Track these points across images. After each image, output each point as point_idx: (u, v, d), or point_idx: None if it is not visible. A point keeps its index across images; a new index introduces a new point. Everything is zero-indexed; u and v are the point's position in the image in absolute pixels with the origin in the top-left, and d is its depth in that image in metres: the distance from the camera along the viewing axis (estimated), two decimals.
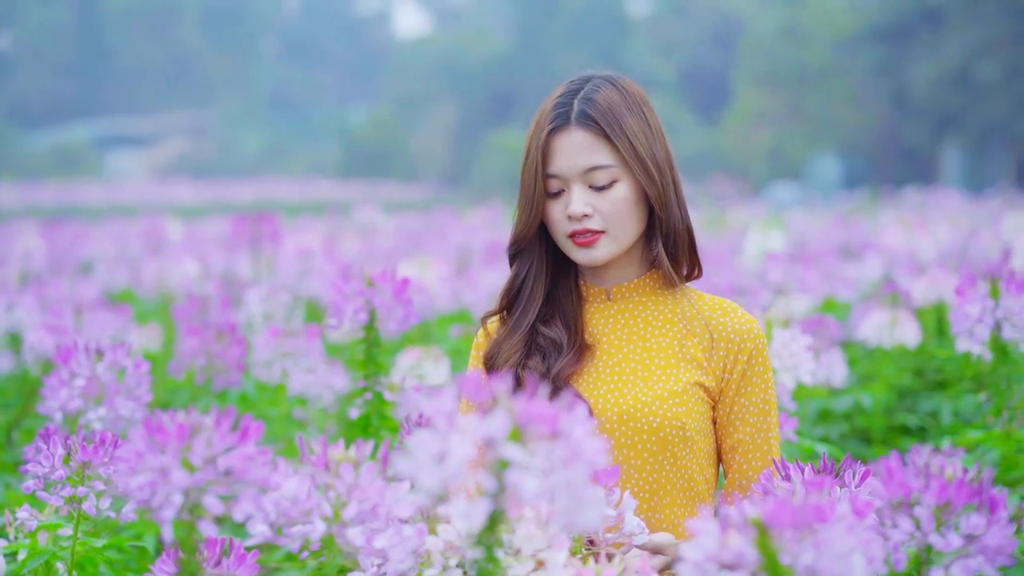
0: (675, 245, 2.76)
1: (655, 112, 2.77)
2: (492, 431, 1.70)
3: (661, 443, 2.66)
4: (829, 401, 5.50)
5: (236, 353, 4.85)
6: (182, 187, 42.10)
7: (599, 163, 2.69)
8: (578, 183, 2.70)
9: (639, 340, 2.76)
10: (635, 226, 2.74)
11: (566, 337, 2.75)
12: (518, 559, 2.06)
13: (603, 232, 2.71)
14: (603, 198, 2.69)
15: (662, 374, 2.71)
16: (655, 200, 2.71)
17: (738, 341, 2.73)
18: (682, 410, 2.68)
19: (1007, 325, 3.83)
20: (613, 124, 2.68)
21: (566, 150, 2.71)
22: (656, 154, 2.71)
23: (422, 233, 14.78)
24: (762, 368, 2.75)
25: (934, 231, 9.69)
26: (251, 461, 1.94)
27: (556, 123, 2.72)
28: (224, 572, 2.26)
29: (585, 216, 2.70)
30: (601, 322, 2.80)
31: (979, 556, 1.94)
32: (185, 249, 10.89)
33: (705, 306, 2.78)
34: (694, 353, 2.73)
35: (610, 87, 2.73)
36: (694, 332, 2.75)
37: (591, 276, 2.83)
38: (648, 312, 2.79)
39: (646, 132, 2.71)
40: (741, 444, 2.74)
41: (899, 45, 42.43)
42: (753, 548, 1.79)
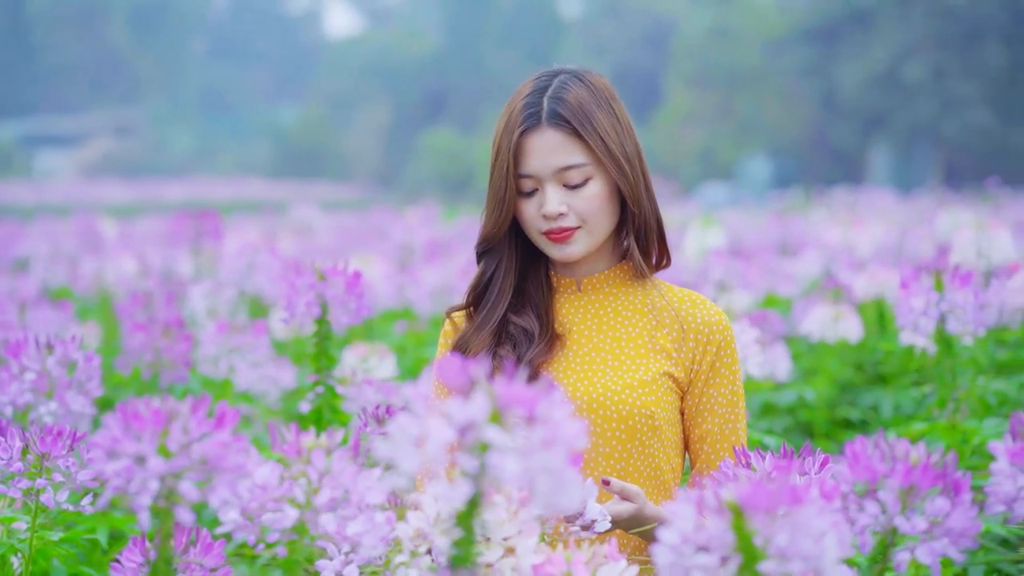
0: (646, 237, 2.78)
1: (622, 105, 2.79)
2: (473, 414, 1.71)
3: (630, 431, 2.69)
4: (773, 395, 5.55)
5: (183, 349, 4.83)
6: (111, 186, 41.74)
7: (572, 162, 2.70)
8: (552, 182, 2.71)
9: (609, 330, 2.78)
10: (609, 220, 2.76)
11: (537, 326, 2.77)
12: (488, 546, 2.08)
13: (578, 228, 2.73)
14: (577, 196, 2.71)
15: (632, 363, 2.74)
16: (628, 194, 2.73)
17: (707, 333, 2.76)
18: (651, 399, 2.70)
19: (951, 318, 3.88)
20: (584, 122, 2.69)
21: (539, 150, 2.71)
22: (627, 148, 2.74)
23: (360, 231, 14.77)
24: (730, 360, 2.77)
25: (870, 228, 9.79)
26: (227, 448, 1.95)
27: (528, 123, 2.71)
28: (193, 560, 2.26)
29: (561, 215, 2.71)
30: (572, 312, 2.82)
31: (944, 539, 1.97)
32: (121, 247, 10.81)
33: (675, 298, 2.81)
34: (664, 344, 2.75)
35: (578, 83, 2.74)
36: (664, 323, 2.77)
37: (561, 267, 2.85)
38: (619, 303, 2.81)
39: (616, 127, 2.73)
40: (709, 435, 2.76)
41: (828, 46, 42.83)
42: (729, 530, 1.82)
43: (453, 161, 45.55)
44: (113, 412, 1.92)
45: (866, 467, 2.03)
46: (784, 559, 1.81)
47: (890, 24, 40.58)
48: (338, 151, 57.16)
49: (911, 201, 21.31)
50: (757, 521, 1.82)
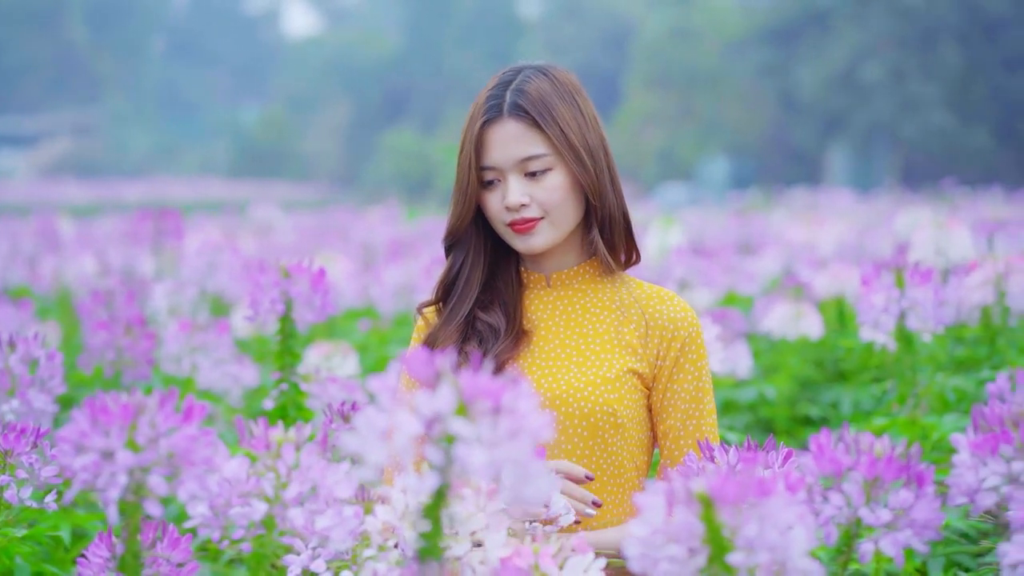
0: (611, 231, 2.79)
1: (589, 100, 2.81)
2: (439, 406, 1.72)
3: (592, 428, 2.70)
4: (734, 392, 5.58)
5: (145, 347, 4.81)
6: (70, 186, 41.51)
7: (532, 153, 2.71)
8: (514, 173, 2.73)
9: (576, 326, 2.79)
10: (573, 212, 2.77)
11: (504, 323, 2.78)
12: (456, 539, 2.08)
13: (541, 218, 2.74)
14: (539, 186, 2.72)
15: (596, 360, 2.74)
16: (588, 187, 2.74)
17: (672, 328, 2.76)
18: (614, 396, 2.71)
19: (912, 315, 3.92)
20: (544, 113, 2.71)
21: (500, 141, 2.73)
22: (589, 141, 2.74)
23: (322, 231, 14.75)
24: (695, 356, 2.77)
25: (830, 227, 9.85)
26: (195, 442, 1.95)
27: (489, 115, 2.74)
28: (160, 554, 2.26)
29: (523, 206, 2.72)
30: (540, 308, 2.83)
31: (907, 530, 1.99)
32: (80, 246, 10.76)
33: (643, 294, 2.81)
34: (629, 340, 2.76)
35: (542, 77, 2.76)
36: (630, 319, 2.78)
37: (531, 263, 2.86)
38: (587, 299, 2.82)
39: (579, 120, 2.74)
40: (672, 430, 2.76)
41: (787, 47, 43.03)
42: (698, 522, 1.83)
43: (413, 161, 45.51)
44: (80, 407, 1.92)
45: (831, 459, 2.05)
46: (752, 550, 1.82)
47: (848, 25, 40.80)
48: (298, 151, 57.05)
49: (870, 201, 21.44)
50: (725, 513, 1.84)
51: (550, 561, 2.05)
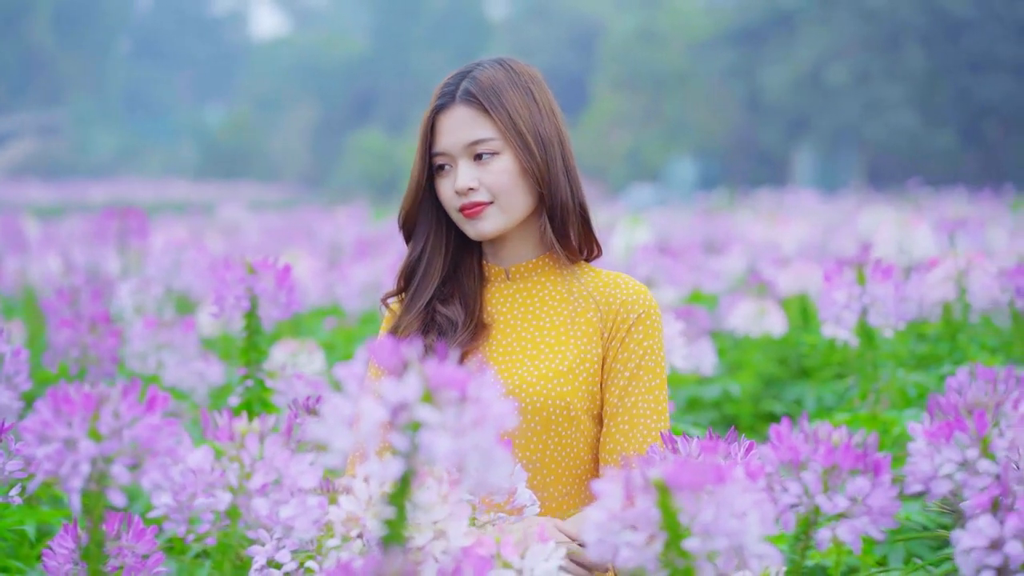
0: (563, 222, 2.80)
1: (548, 93, 2.84)
2: (405, 393, 1.74)
3: (544, 422, 2.71)
4: (698, 389, 5.62)
5: (110, 345, 4.80)
6: (35, 187, 41.30)
7: (480, 137, 2.76)
8: (464, 158, 2.77)
9: (533, 319, 2.81)
10: (522, 199, 2.79)
11: (462, 315, 2.80)
12: (419, 529, 2.10)
13: (490, 203, 2.77)
14: (487, 171, 2.76)
15: (551, 352, 2.76)
16: (536, 175, 2.76)
17: (626, 308, 2.77)
18: (567, 389, 2.72)
19: (873, 311, 3.96)
20: (493, 99, 2.75)
21: (450, 127, 2.78)
22: (540, 130, 2.77)
23: (288, 230, 14.75)
24: (642, 335, 2.77)
25: (794, 226, 9.92)
26: (157, 431, 1.96)
27: (441, 101, 2.79)
28: (125, 545, 2.27)
29: (471, 190, 2.76)
30: (499, 301, 2.85)
31: (864, 517, 2.01)
32: (45, 246, 10.73)
33: (599, 281, 2.83)
34: (585, 329, 2.77)
35: (497, 67, 2.81)
36: (587, 308, 2.79)
37: (492, 256, 2.88)
38: (544, 291, 2.84)
39: (530, 107, 2.78)
40: (609, 406, 2.75)
41: (752, 49, 43.19)
42: (655, 508, 1.86)
43: (381, 162, 45.46)
44: (44, 397, 1.93)
45: (790, 448, 2.08)
46: (708, 536, 1.85)
47: (813, 27, 40.99)
48: (265, 152, 56.92)
49: (835, 201, 21.55)
50: (683, 499, 1.86)
51: (512, 550, 2.08)
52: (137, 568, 2.29)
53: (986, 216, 13.10)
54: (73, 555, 2.26)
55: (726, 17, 45.16)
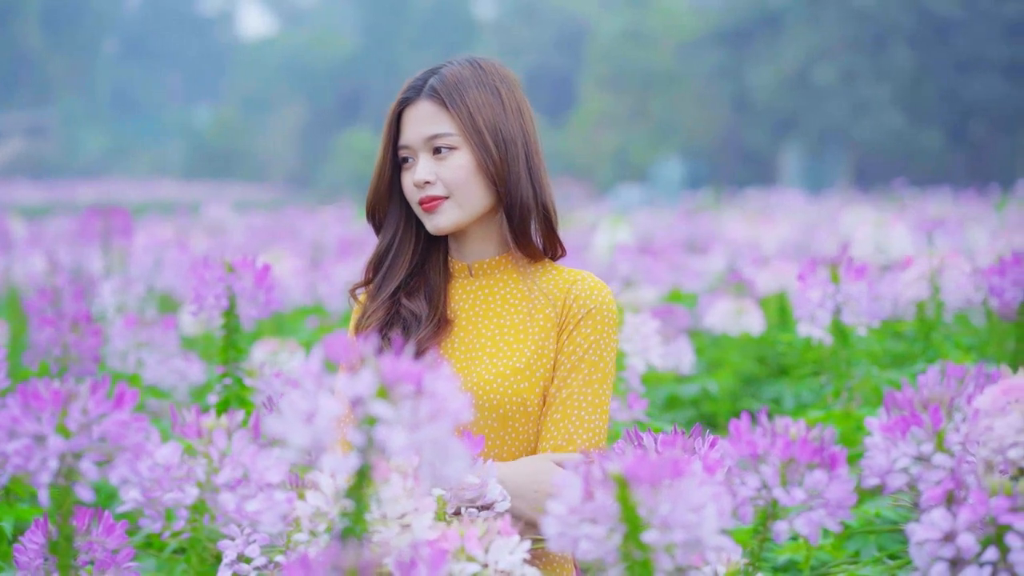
0: (522, 221, 2.83)
1: (519, 95, 2.87)
2: (360, 389, 1.77)
3: (501, 418, 2.75)
4: (677, 387, 5.65)
5: (91, 343, 4.82)
6: (23, 187, 41.22)
7: (438, 131, 2.80)
8: (424, 152, 2.81)
9: (493, 316, 2.85)
10: (478, 195, 2.81)
11: (426, 310, 2.84)
12: (385, 523, 2.13)
13: (446, 198, 2.80)
14: (444, 165, 2.80)
15: (508, 350, 2.79)
16: (493, 172, 2.79)
17: (576, 305, 2.80)
18: (524, 386, 2.75)
19: (846, 309, 4.00)
20: (455, 94, 2.79)
21: (412, 121, 2.83)
22: (501, 128, 2.81)
23: (274, 230, 14.76)
24: (589, 330, 2.79)
25: (776, 226, 9.96)
26: (126, 427, 1.99)
27: (407, 95, 2.85)
28: (95, 540, 2.29)
29: (427, 183, 2.80)
30: (463, 298, 2.88)
31: (821, 510, 2.05)
32: (31, 246, 10.73)
33: (560, 278, 2.86)
34: (542, 325, 2.80)
35: (467, 65, 2.86)
36: (545, 305, 2.82)
37: (456, 252, 2.92)
38: (506, 289, 2.87)
39: (493, 106, 2.81)
40: (549, 396, 2.78)
41: (740, 49, 43.24)
42: (613, 502, 1.89)
43: (369, 162, 44.84)
44: (13, 393, 1.96)
45: (748, 442, 2.11)
46: (667, 529, 1.88)
47: (800, 27, 41.05)
48: (253, 152, 56.88)
49: (820, 201, 21.60)
50: (641, 493, 1.90)
51: (476, 543, 2.10)
52: (107, 563, 2.32)
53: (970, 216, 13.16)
54: (44, 550, 2.28)
55: (713, 17, 45.23)
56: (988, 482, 1.97)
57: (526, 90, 2.95)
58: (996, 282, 4.48)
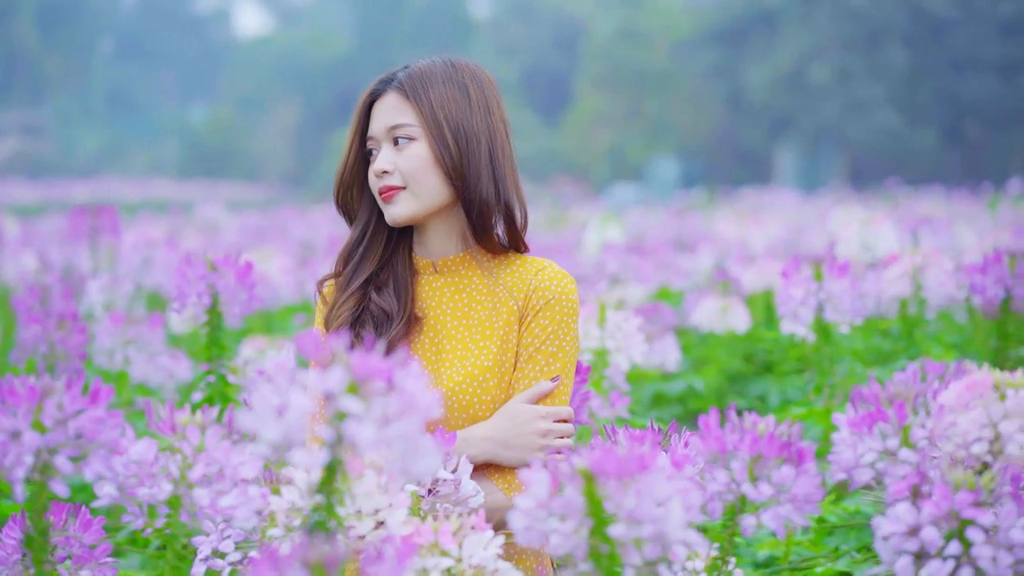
0: (482, 218, 2.83)
1: (491, 96, 2.89)
2: (330, 384, 1.79)
3: (471, 418, 2.77)
4: (663, 385, 5.68)
5: (78, 341, 4.84)
6: (18, 186, 41.18)
7: (399, 122, 2.82)
8: (386, 142, 2.84)
9: (461, 315, 2.86)
10: (434, 188, 2.82)
11: (396, 307, 2.85)
12: (359, 518, 2.14)
13: (403, 188, 2.82)
14: (402, 156, 2.82)
15: (475, 348, 2.81)
16: (450, 166, 2.80)
17: (536, 295, 2.81)
18: (492, 384, 2.78)
19: (829, 307, 4.03)
20: (419, 87, 2.82)
21: (378, 112, 2.86)
22: (464, 125, 2.82)
23: (266, 229, 14.78)
24: (547, 320, 2.81)
25: (765, 224, 9.98)
26: (101, 423, 2.01)
27: (376, 88, 2.89)
28: (72, 535, 2.31)
29: (385, 172, 2.82)
30: (429, 295, 2.89)
31: (788, 505, 2.07)
32: (23, 245, 10.75)
33: (523, 269, 2.87)
34: (506, 320, 2.82)
35: (438, 62, 2.88)
36: (508, 299, 2.84)
37: (419, 248, 2.92)
38: (471, 285, 2.87)
39: (459, 103, 2.83)
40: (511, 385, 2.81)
41: (734, 48, 43.27)
42: (580, 496, 1.91)
43: None
44: None
45: (716, 438, 2.13)
46: (633, 523, 1.90)
47: (795, 26, 41.09)
48: (248, 151, 56.88)
49: (813, 200, 21.64)
50: (609, 487, 1.92)
51: (449, 538, 2.12)
52: (85, 558, 2.34)
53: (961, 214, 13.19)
54: (21, 545, 2.30)
55: (708, 17, 45.26)
56: (952, 477, 2.00)
57: (522, 90, 2.96)
58: (978, 280, 4.50)
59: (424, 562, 2.12)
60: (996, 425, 2.15)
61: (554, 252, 9.57)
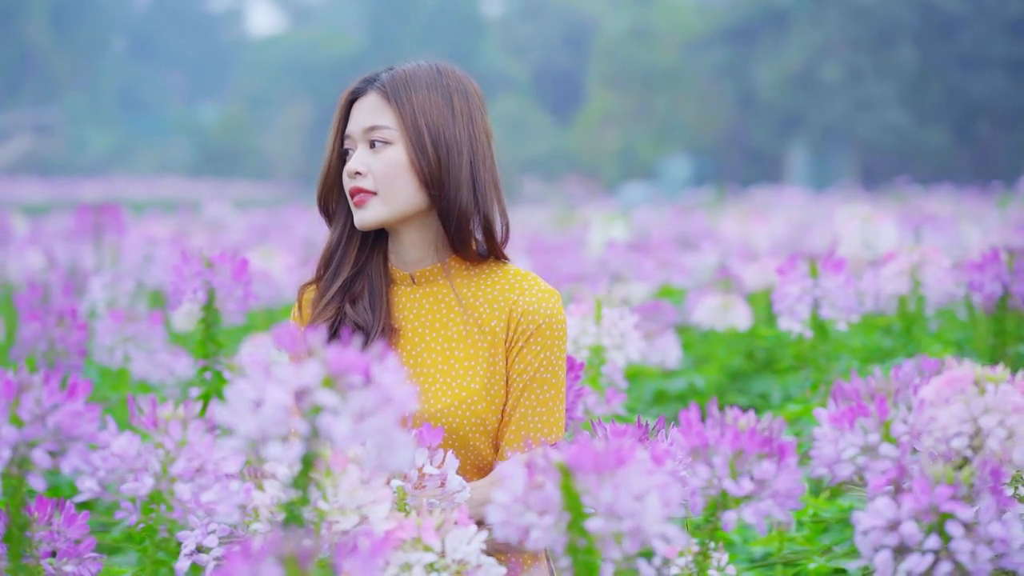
0: (459, 229, 2.78)
1: (475, 106, 2.83)
2: (305, 378, 1.79)
3: (462, 440, 2.73)
4: (664, 382, 5.67)
5: (77, 337, 4.85)
6: (29, 185, 41.25)
7: (377, 123, 2.79)
8: (362, 143, 2.81)
9: (441, 328, 2.81)
10: (406, 194, 2.77)
11: (371, 319, 2.81)
12: (343, 513, 2.15)
13: (374, 194, 2.77)
14: (377, 158, 2.78)
15: (461, 369, 2.77)
16: (426, 174, 2.76)
17: (525, 320, 2.77)
18: (482, 407, 2.74)
19: (825, 304, 4.02)
20: (401, 91, 2.79)
21: (357, 112, 2.83)
22: (444, 133, 2.77)
23: (273, 228, 14.77)
24: (539, 347, 2.77)
25: (770, 222, 9.98)
26: (79, 417, 2.01)
27: (358, 87, 2.86)
28: (56, 530, 2.32)
29: (358, 174, 2.78)
30: (407, 306, 2.85)
31: (769, 500, 2.07)
32: (30, 243, 10.76)
33: (507, 283, 2.82)
34: (491, 340, 2.77)
35: (425, 67, 2.85)
36: (491, 315, 2.79)
37: (395, 258, 2.87)
38: (450, 298, 2.82)
39: (441, 110, 2.79)
40: (504, 413, 2.77)
41: (745, 47, 43.24)
42: (557, 490, 1.91)
43: None
44: None
45: (697, 433, 2.13)
46: (611, 517, 1.90)
47: (805, 25, 41.05)
48: (259, 150, 56.93)
49: (821, 199, 21.62)
50: (586, 482, 1.92)
51: (432, 533, 2.12)
52: (69, 553, 2.34)
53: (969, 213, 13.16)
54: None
55: (718, 15, 45.24)
56: (931, 471, 1.99)
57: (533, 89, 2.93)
58: (976, 277, 4.49)
59: (407, 557, 2.12)
60: (976, 420, 2.14)
61: (559, 251, 9.58)
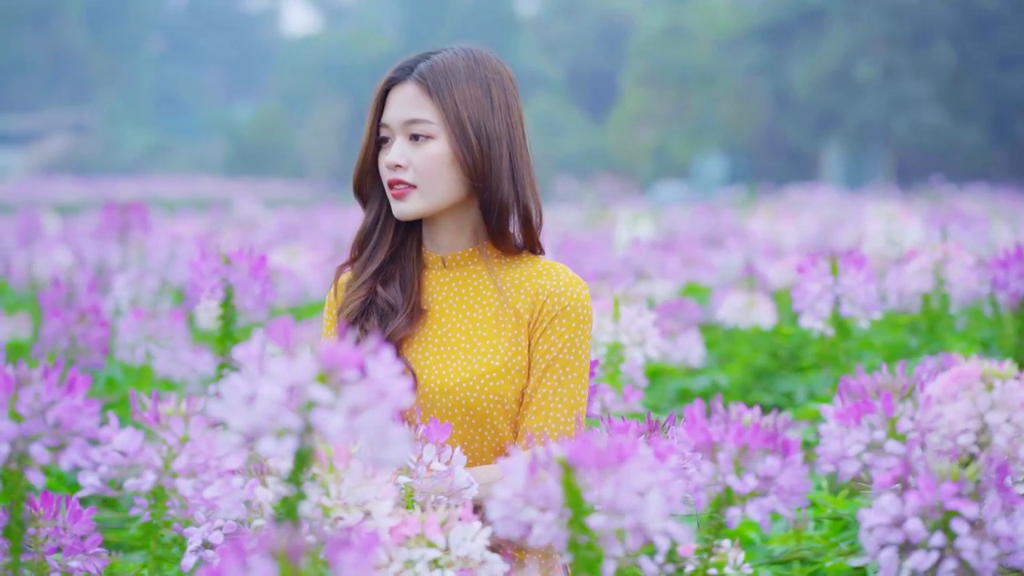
0: (500, 219, 2.81)
1: (511, 94, 2.84)
2: (298, 373, 1.78)
3: (479, 416, 2.74)
4: (687, 380, 5.64)
5: (99, 335, 4.86)
6: (64, 184, 41.47)
7: (418, 116, 2.78)
8: (401, 135, 2.80)
9: (468, 310, 2.83)
10: (447, 187, 2.79)
11: (401, 299, 2.83)
12: (347, 509, 2.14)
13: (414, 187, 2.78)
14: (418, 152, 2.78)
15: (484, 347, 2.78)
16: (470, 166, 2.76)
17: (550, 301, 2.78)
18: (501, 383, 2.75)
19: (846, 301, 3.99)
20: (442, 83, 2.77)
21: (396, 102, 2.81)
22: (486, 125, 2.78)
23: (300, 227, 14.80)
24: (563, 328, 2.78)
25: (798, 221, 9.93)
26: (79, 412, 2.01)
27: (395, 75, 2.83)
28: (61, 526, 2.32)
29: (398, 167, 2.79)
30: (437, 289, 2.87)
31: (774, 496, 2.05)
32: (61, 241, 10.82)
33: (534, 270, 2.84)
34: (515, 321, 2.79)
35: (461, 55, 2.82)
36: (517, 299, 2.81)
37: (429, 242, 2.89)
38: (479, 281, 2.85)
39: (481, 101, 2.78)
40: (525, 395, 2.78)
41: (780, 45, 43.11)
42: (558, 486, 1.90)
43: None
44: None
45: (702, 430, 2.11)
46: (613, 513, 1.88)
47: (841, 23, 40.87)
48: (294, 149, 57.08)
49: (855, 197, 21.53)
50: (589, 478, 1.90)
51: (436, 529, 2.11)
52: (75, 549, 2.34)
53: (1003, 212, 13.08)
54: None
55: (753, 13, 45.10)
56: (936, 468, 1.97)
57: (568, 88, 2.92)
58: (1001, 275, 4.46)
59: (411, 553, 2.11)
60: (983, 416, 2.12)
61: (588, 249, 9.55)
